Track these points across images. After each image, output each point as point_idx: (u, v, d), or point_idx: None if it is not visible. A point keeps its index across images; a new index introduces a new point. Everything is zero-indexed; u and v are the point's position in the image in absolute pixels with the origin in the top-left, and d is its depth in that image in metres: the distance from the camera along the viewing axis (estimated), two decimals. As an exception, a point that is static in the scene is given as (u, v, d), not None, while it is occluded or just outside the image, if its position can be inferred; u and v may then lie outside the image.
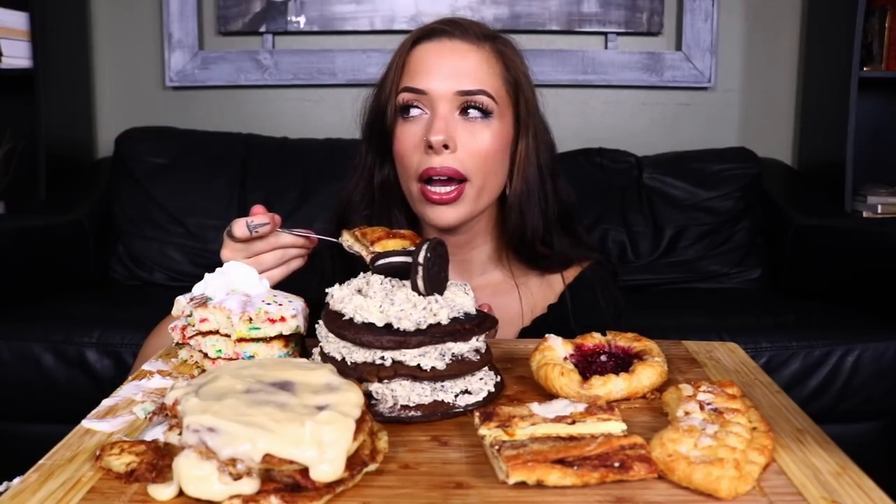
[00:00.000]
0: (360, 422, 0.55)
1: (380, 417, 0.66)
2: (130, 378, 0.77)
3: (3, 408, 1.78)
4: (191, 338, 0.79)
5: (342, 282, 0.74)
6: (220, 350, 0.76)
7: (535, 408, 0.62)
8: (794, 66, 2.64)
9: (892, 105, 2.58)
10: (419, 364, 0.66)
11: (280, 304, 0.76)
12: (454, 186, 0.98)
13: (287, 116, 2.63)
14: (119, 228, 2.30)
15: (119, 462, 0.56)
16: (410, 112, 1.01)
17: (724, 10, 2.59)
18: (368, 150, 1.07)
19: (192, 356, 0.80)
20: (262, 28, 2.58)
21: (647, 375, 0.71)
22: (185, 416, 0.53)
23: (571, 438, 0.57)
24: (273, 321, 0.75)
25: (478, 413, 0.62)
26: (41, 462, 0.58)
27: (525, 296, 1.09)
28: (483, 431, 0.59)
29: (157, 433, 0.60)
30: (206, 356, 0.76)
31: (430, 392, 0.67)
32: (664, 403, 0.68)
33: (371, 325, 0.67)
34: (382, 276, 0.74)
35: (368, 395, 0.67)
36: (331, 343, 0.70)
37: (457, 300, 0.72)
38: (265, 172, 2.33)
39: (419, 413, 0.67)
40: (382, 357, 0.67)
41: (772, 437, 0.59)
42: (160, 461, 0.55)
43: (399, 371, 0.67)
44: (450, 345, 0.68)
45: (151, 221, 2.28)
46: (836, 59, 2.37)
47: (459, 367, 0.68)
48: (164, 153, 2.34)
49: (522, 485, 0.54)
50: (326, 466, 0.51)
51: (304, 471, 0.51)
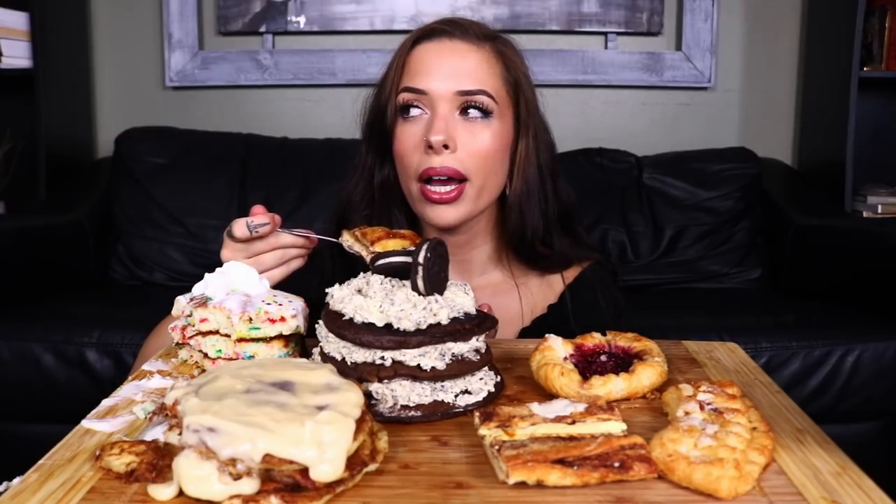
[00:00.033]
0: (360, 422, 0.55)
1: (380, 417, 0.66)
2: (130, 378, 0.77)
3: (3, 408, 1.78)
4: (191, 338, 0.79)
5: (342, 282, 0.74)
6: (220, 350, 0.76)
7: (535, 408, 0.62)
8: (794, 66, 2.64)
9: (892, 105, 2.58)
10: (419, 364, 0.66)
11: (280, 304, 0.76)
12: (454, 186, 0.98)
13: (287, 116, 2.63)
14: (119, 228, 2.30)
15: (119, 462, 0.56)
16: (410, 112, 1.01)
17: (724, 10, 2.59)
18: (368, 150, 1.07)
19: (192, 356, 0.80)
20: (262, 28, 2.58)
21: (647, 375, 0.71)
22: (185, 416, 0.53)
23: (571, 438, 0.57)
24: (273, 321, 0.75)
25: (478, 413, 0.62)
26: (41, 462, 0.58)
27: (525, 296, 1.09)
28: (483, 431, 0.59)
29: (157, 433, 0.60)
30: (206, 356, 0.76)
31: (430, 392, 0.67)
32: (664, 403, 0.68)
33: (371, 325, 0.67)
34: (382, 276, 0.74)
35: (368, 395, 0.67)
36: (331, 343, 0.70)
37: (457, 300, 0.72)
38: (265, 172, 2.33)
39: (419, 413, 0.67)
40: (382, 357, 0.67)
41: (772, 437, 0.59)
42: (160, 461, 0.55)
43: (399, 371, 0.67)
44: (450, 345, 0.68)
45: (151, 221, 2.28)
46: (836, 59, 2.37)
47: (459, 367, 0.68)
48: (164, 153, 2.34)
49: (522, 485, 0.54)
50: (326, 466, 0.51)
51: (304, 471, 0.51)
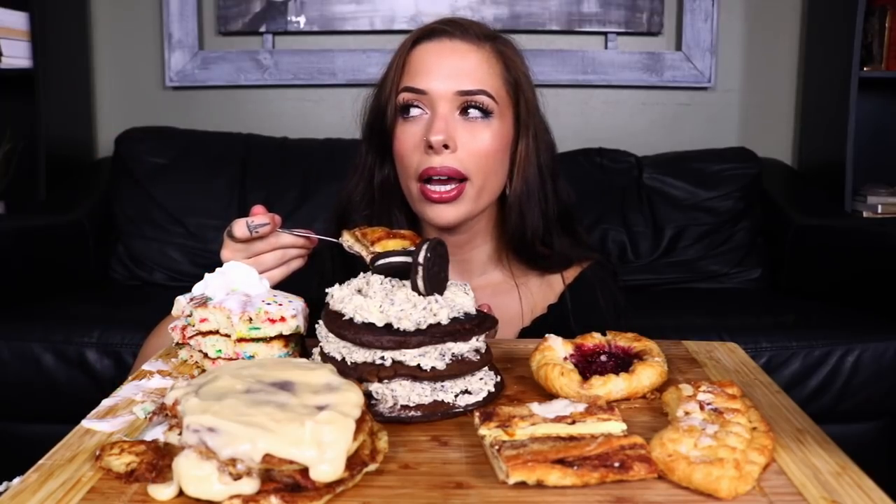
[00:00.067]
0: (360, 422, 0.55)
1: (380, 417, 0.66)
2: (130, 378, 0.77)
3: (3, 408, 1.78)
4: (191, 338, 0.79)
5: (342, 282, 0.74)
6: (220, 350, 0.76)
7: (535, 408, 0.62)
8: (794, 66, 2.64)
9: (892, 105, 2.58)
10: (419, 364, 0.66)
11: (280, 304, 0.76)
12: (454, 185, 0.98)
13: (287, 116, 2.63)
14: (119, 228, 2.30)
15: (119, 462, 0.56)
16: (410, 112, 1.01)
17: (724, 10, 2.59)
18: (368, 150, 1.07)
19: (192, 356, 0.80)
20: (262, 28, 2.58)
21: (647, 375, 0.71)
22: (185, 416, 0.53)
23: (571, 438, 0.57)
24: (273, 321, 0.75)
25: (478, 413, 0.62)
26: (41, 462, 0.58)
27: (525, 296, 1.09)
28: (483, 431, 0.59)
29: (157, 433, 0.60)
30: (206, 356, 0.76)
31: (430, 392, 0.67)
32: (664, 403, 0.68)
33: (371, 325, 0.67)
34: (382, 276, 0.74)
35: (368, 395, 0.67)
36: (331, 343, 0.70)
37: (457, 300, 0.72)
38: (265, 172, 2.33)
39: (419, 413, 0.67)
40: (382, 357, 0.67)
41: (772, 437, 0.59)
42: (160, 461, 0.55)
43: (399, 371, 0.66)
44: (450, 345, 0.67)
45: (151, 221, 2.28)
46: (836, 59, 2.37)
47: (459, 367, 0.68)
48: (164, 153, 2.34)
49: (522, 485, 0.54)
50: (326, 466, 0.51)
51: (304, 471, 0.51)
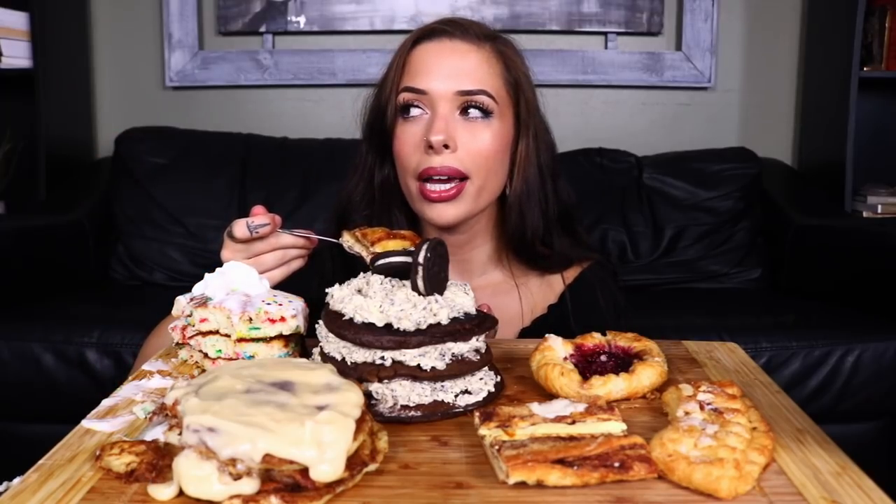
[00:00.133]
0: (360, 422, 0.55)
1: (380, 417, 0.66)
2: (130, 378, 0.77)
3: (3, 408, 1.78)
4: (191, 338, 0.79)
5: (342, 282, 0.74)
6: (220, 350, 0.76)
7: (535, 408, 0.62)
8: (794, 66, 2.64)
9: (892, 105, 2.58)
10: (419, 364, 0.66)
11: (280, 304, 0.76)
12: (454, 184, 0.98)
13: (287, 116, 2.63)
14: (119, 228, 2.30)
15: (119, 462, 0.56)
16: (411, 112, 1.01)
17: (724, 10, 2.59)
18: (369, 150, 1.07)
19: (192, 356, 0.80)
20: (262, 28, 2.58)
21: (647, 375, 0.71)
22: (185, 416, 0.53)
23: (571, 438, 0.57)
24: (273, 321, 0.75)
25: (478, 413, 0.62)
26: (41, 462, 0.58)
27: (525, 296, 1.09)
28: (483, 431, 0.59)
29: (157, 433, 0.60)
30: (206, 356, 0.76)
31: (430, 392, 0.67)
32: (664, 403, 0.68)
33: (371, 325, 0.67)
34: (382, 276, 0.74)
35: (368, 395, 0.67)
36: (331, 343, 0.70)
37: (457, 300, 0.72)
38: (265, 172, 2.33)
39: (419, 413, 0.67)
40: (382, 357, 0.67)
41: (772, 437, 0.59)
42: (160, 461, 0.55)
43: (399, 371, 0.67)
44: (450, 345, 0.67)
45: (151, 221, 2.28)
46: (836, 59, 2.37)
47: (459, 367, 0.68)
48: (164, 153, 2.34)
49: (522, 485, 0.54)
50: (326, 466, 0.51)
51: (304, 471, 0.51)
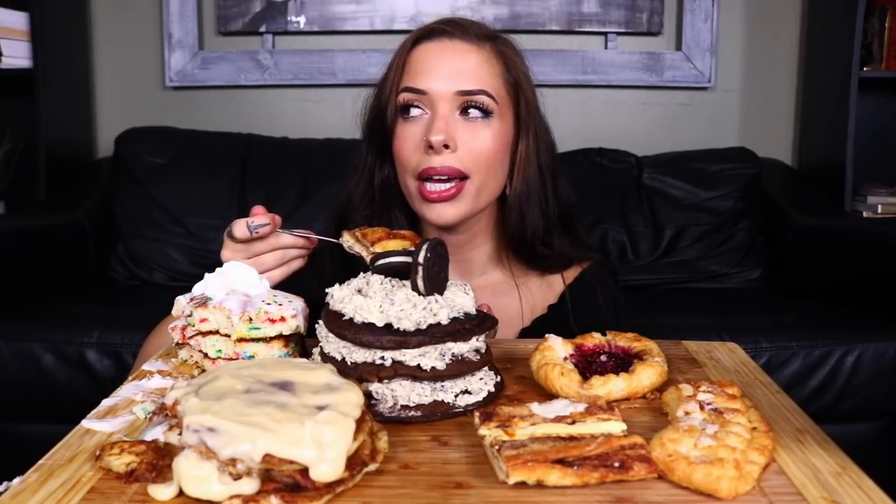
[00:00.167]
0: (360, 422, 0.55)
1: (380, 417, 0.66)
2: (130, 378, 0.77)
3: (3, 408, 1.78)
4: (191, 338, 0.79)
5: (342, 282, 0.74)
6: (220, 350, 0.76)
7: (535, 408, 0.62)
8: (794, 66, 2.64)
9: (892, 105, 2.58)
10: (419, 364, 0.66)
11: (280, 304, 0.76)
12: (453, 184, 0.98)
13: (287, 116, 2.63)
14: (119, 228, 2.30)
15: (119, 462, 0.56)
16: (411, 112, 1.00)
17: (724, 10, 2.59)
18: (369, 150, 1.07)
19: (192, 356, 0.80)
20: (262, 28, 2.58)
21: (647, 375, 0.71)
22: (185, 416, 0.53)
23: (571, 438, 0.57)
24: (273, 321, 0.75)
25: (478, 413, 0.62)
26: (41, 462, 0.58)
27: (525, 296, 1.09)
28: (483, 431, 0.59)
29: (157, 433, 0.60)
30: (206, 356, 0.76)
31: (430, 392, 0.67)
32: (664, 403, 0.68)
33: (371, 325, 0.67)
34: (382, 276, 0.74)
35: (368, 395, 0.67)
36: (331, 343, 0.70)
37: (457, 300, 0.72)
38: (265, 172, 2.33)
39: (419, 413, 0.67)
40: (382, 357, 0.67)
41: (772, 437, 0.59)
42: (160, 461, 0.55)
43: (399, 371, 0.66)
44: (450, 345, 0.67)
45: (151, 221, 2.28)
46: (836, 59, 2.37)
47: (459, 367, 0.68)
48: (164, 153, 2.34)
49: (522, 485, 0.54)
50: (326, 466, 0.51)
51: (304, 471, 0.51)
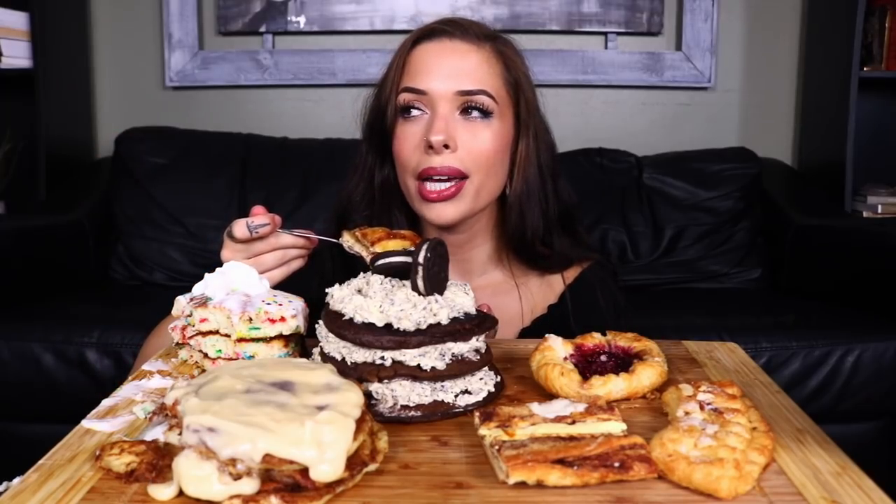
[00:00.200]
0: (360, 422, 0.55)
1: (380, 417, 0.66)
2: (130, 378, 0.77)
3: (3, 408, 1.78)
4: (191, 338, 0.79)
5: (342, 282, 0.74)
6: (220, 350, 0.76)
7: (535, 408, 0.62)
8: (794, 66, 2.64)
9: (892, 105, 2.58)
10: (419, 364, 0.66)
11: (280, 304, 0.76)
12: (453, 183, 0.98)
13: (287, 116, 2.63)
14: (119, 228, 2.29)
15: (119, 462, 0.56)
16: (411, 112, 1.00)
17: (724, 10, 2.59)
18: (369, 151, 1.07)
19: (192, 356, 0.80)
20: (262, 28, 2.58)
21: (647, 375, 0.71)
22: (185, 416, 0.53)
23: (571, 438, 0.57)
24: (273, 321, 0.75)
25: (478, 413, 0.62)
26: (41, 462, 0.58)
27: (525, 296, 1.09)
28: (483, 431, 0.59)
29: (157, 433, 0.60)
30: (206, 356, 0.76)
31: (430, 392, 0.67)
32: (664, 403, 0.68)
33: (371, 325, 0.67)
34: (382, 276, 0.74)
35: (368, 395, 0.67)
36: (331, 343, 0.70)
37: (457, 300, 0.72)
38: (265, 172, 2.33)
39: (419, 413, 0.67)
40: (382, 357, 0.67)
41: (772, 437, 0.59)
42: (160, 461, 0.55)
43: (399, 371, 0.67)
44: (450, 345, 0.67)
45: (151, 221, 2.28)
46: (836, 59, 2.37)
47: (459, 367, 0.68)
48: (164, 153, 2.34)
49: (522, 485, 0.54)
50: (326, 466, 0.51)
51: (304, 471, 0.51)
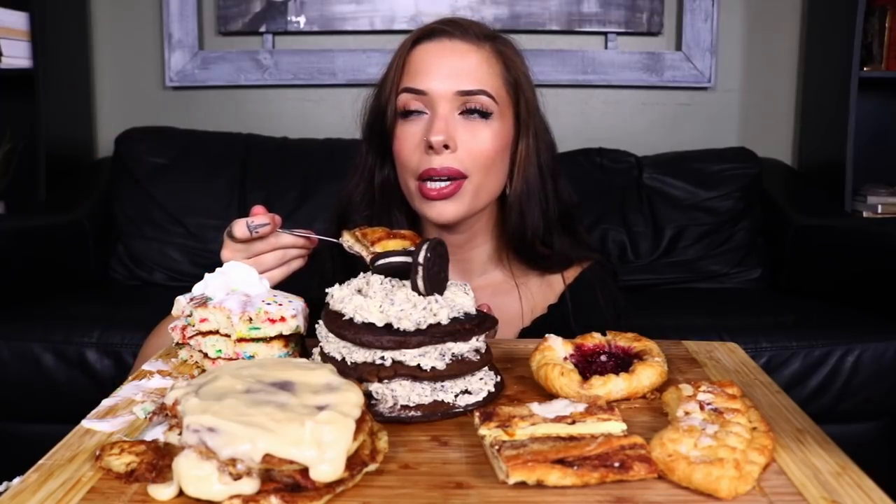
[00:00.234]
0: (360, 422, 0.55)
1: (380, 417, 0.66)
2: (130, 378, 0.77)
3: (3, 408, 1.78)
4: (191, 338, 0.79)
5: (342, 282, 0.74)
6: (220, 350, 0.76)
7: (535, 408, 0.62)
8: (794, 66, 2.64)
9: (892, 105, 2.58)
10: (419, 364, 0.66)
11: (280, 304, 0.76)
12: (452, 181, 0.98)
13: (287, 116, 2.63)
14: (119, 228, 2.30)
15: (119, 462, 0.56)
16: (410, 113, 1.00)
17: (724, 10, 2.59)
18: (369, 151, 1.07)
19: (192, 356, 0.80)
20: (262, 28, 2.58)
21: (647, 375, 0.71)
22: (185, 416, 0.53)
23: (571, 438, 0.57)
24: (273, 321, 0.75)
25: (478, 413, 0.62)
26: (41, 462, 0.58)
27: (525, 296, 1.09)
28: (483, 431, 0.59)
29: (157, 433, 0.60)
30: (206, 356, 0.76)
31: (430, 392, 0.67)
32: (664, 403, 0.68)
33: (371, 325, 0.67)
34: (382, 276, 0.74)
35: (368, 395, 0.67)
36: (331, 343, 0.70)
37: (457, 300, 0.72)
38: (265, 172, 2.33)
39: (419, 413, 0.67)
40: (382, 357, 0.67)
41: (772, 437, 0.59)
42: (160, 461, 0.55)
43: (399, 371, 0.67)
44: (450, 345, 0.67)
45: (151, 221, 2.28)
46: (836, 59, 2.37)
47: (459, 367, 0.68)
48: (164, 153, 2.34)
49: (522, 485, 0.54)
50: (326, 466, 0.51)
51: (304, 471, 0.51)
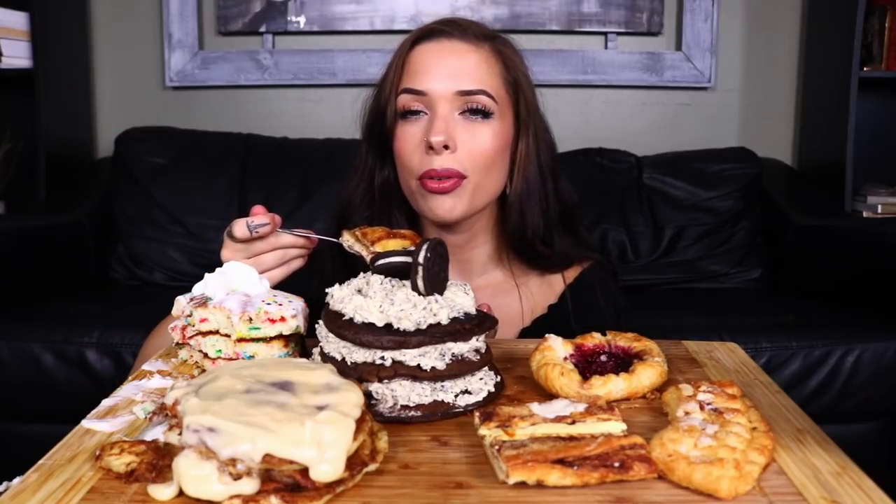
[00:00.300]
0: (360, 422, 0.55)
1: (380, 417, 0.66)
2: (130, 378, 0.77)
3: (3, 408, 1.78)
4: (191, 338, 0.79)
5: (342, 282, 0.74)
6: (220, 350, 0.76)
7: (535, 408, 0.62)
8: (794, 66, 2.64)
9: (892, 105, 2.58)
10: (419, 364, 0.66)
11: (280, 304, 0.76)
12: (453, 179, 0.98)
13: (287, 116, 2.63)
14: (119, 228, 2.30)
15: (119, 462, 0.56)
16: (410, 113, 1.00)
17: (724, 10, 2.59)
18: (369, 151, 1.07)
19: (192, 356, 0.80)
20: (262, 28, 2.58)
21: (647, 375, 0.71)
22: (185, 416, 0.53)
23: (571, 438, 0.57)
24: (273, 321, 0.75)
25: (478, 413, 0.62)
26: (41, 462, 0.58)
27: (525, 296, 1.09)
28: (483, 431, 0.59)
29: (157, 433, 0.60)
30: (206, 356, 0.76)
31: (430, 392, 0.67)
32: (664, 403, 0.68)
33: (371, 325, 0.67)
34: (382, 276, 0.74)
35: (368, 395, 0.67)
36: (331, 343, 0.70)
37: (457, 300, 0.72)
38: (265, 172, 2.33)
39: (419, 413, 0.67)
40: (382, 357, 0.67)
41: (772, 437, 0.59)
42: (160, 461, 0.55)
43: (399, 371, 0.67)
44: (450, 345, 0.67)
45: (151, 221, 2.28)
46: (836, 59, 2.37)
47: (459, 367, 0.68)
48: (164, 153, 2.34)
49: (522, 485, 0.54)
50: (326, 466, 0.51)
51: (304, 471, 0.51)
